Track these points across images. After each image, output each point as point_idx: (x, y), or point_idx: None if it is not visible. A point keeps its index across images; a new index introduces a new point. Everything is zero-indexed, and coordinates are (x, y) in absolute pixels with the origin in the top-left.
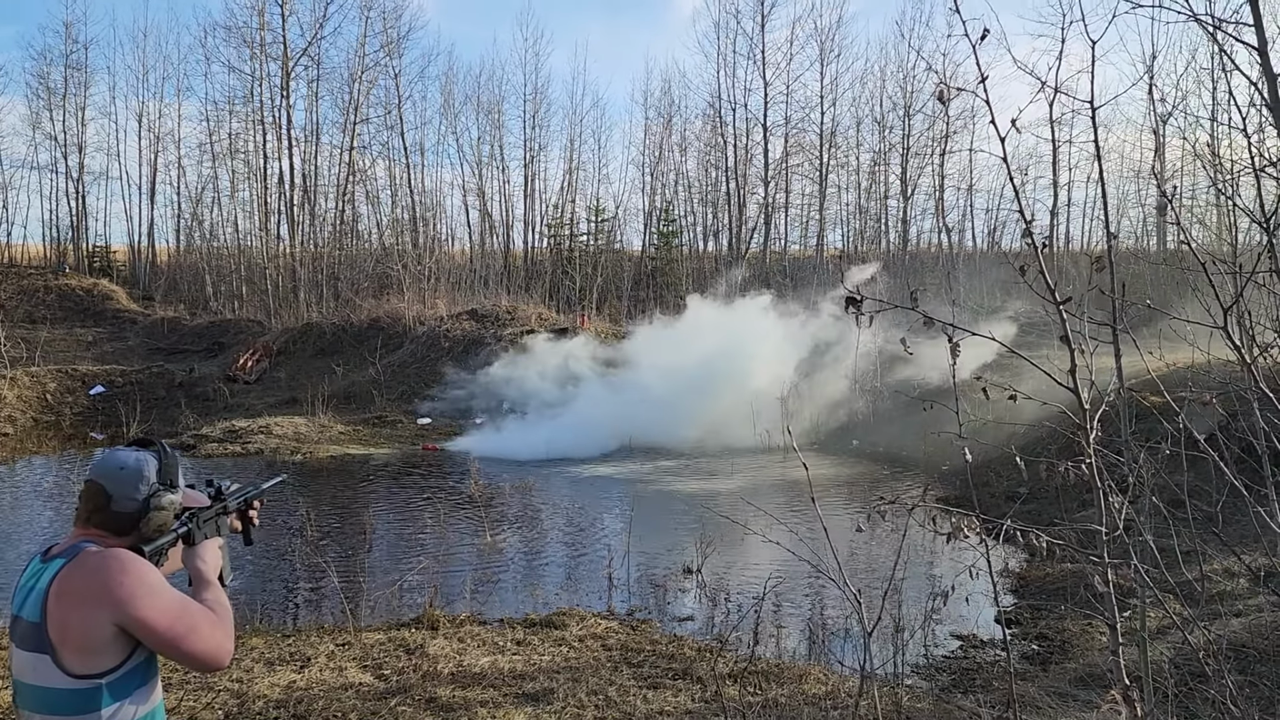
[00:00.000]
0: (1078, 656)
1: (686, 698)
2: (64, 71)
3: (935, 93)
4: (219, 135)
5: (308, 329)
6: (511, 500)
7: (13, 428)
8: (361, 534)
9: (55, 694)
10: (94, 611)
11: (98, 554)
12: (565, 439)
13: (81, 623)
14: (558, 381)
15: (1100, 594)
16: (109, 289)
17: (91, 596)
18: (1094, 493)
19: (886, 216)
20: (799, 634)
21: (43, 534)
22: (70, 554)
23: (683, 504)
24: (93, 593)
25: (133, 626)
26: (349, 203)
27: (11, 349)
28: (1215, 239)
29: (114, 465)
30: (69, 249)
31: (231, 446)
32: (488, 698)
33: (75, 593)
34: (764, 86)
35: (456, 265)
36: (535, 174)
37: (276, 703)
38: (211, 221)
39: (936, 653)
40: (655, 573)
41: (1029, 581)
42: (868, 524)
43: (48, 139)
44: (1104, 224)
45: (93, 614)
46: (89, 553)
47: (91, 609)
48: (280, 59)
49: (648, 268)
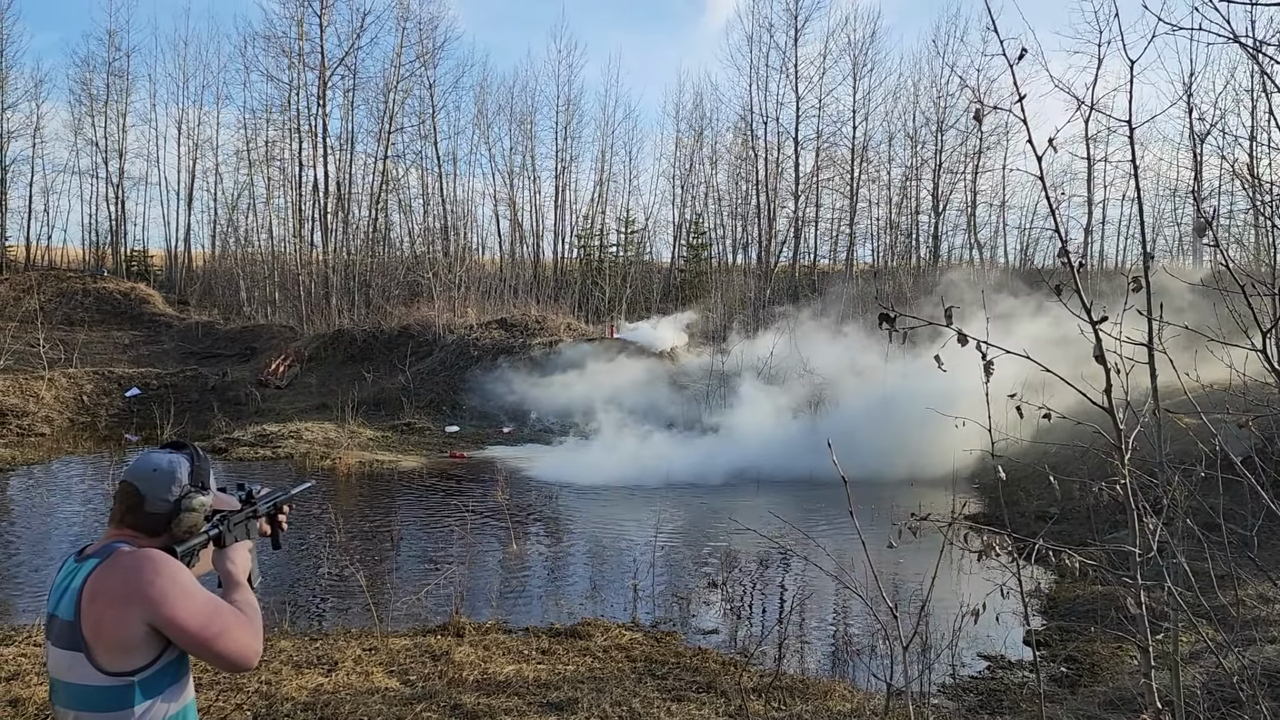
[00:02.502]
0: (1107, 680)
1: (710, 711)
2: (106, 78)
3: (971, 111)
4: (256, 143)
5: (339, 335)
6: (538, 509)
7: (49, 428)
8: (388, 539)
9: (90, 691)
10: (126, 611)
11: (131, 554)
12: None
13: (114, 622)
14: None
15: (1133, 616)
16: (146, 293)
17: (124, 596)
18: (1127, 513)
19: (917, 232)
20: (824, 649)
21: (76, 534)
22: (104, 554)
23: (711, 513)
24: (126, 593)
25: (164, 626)
26: (382, 211)
27: (50, 350)
28: (1253, 260)
29: (148, 467)
30: (108, 253)
31: (262, 450)
32: (512, 706)
33: (108, 592)
34: (796, 100)
35: (486, 274)
36: (566, 184)
37: (304, 705)
38: (246, 228)
39: (964, 673)
40: (681, 585)
41: (1058, 603)
42: (898, 540)
43: (89, 144)
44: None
45: (125, 613)
46: (122, 553)
47: (124, 608)
48: (318, 68)
49: (676, 280)
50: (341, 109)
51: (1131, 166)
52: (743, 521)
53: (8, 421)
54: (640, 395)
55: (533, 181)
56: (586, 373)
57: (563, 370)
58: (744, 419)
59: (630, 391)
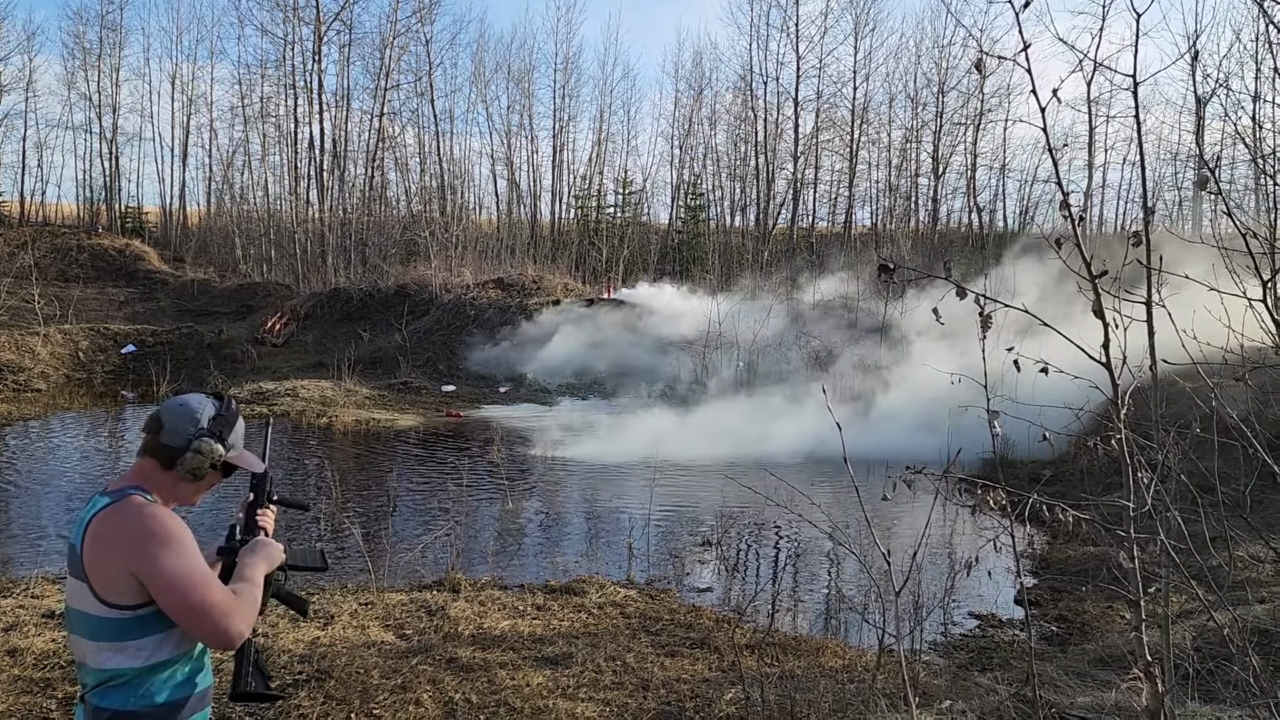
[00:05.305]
0: (1097, 638)
1: (704, 666)
2: (99, 31)
3: (974, 61)
4: (251, 99)
5: (335, 294)
6: (534, 468)
7: (46, 384)
8: (385, 497)
9: (93, 620)
10: (117, 559)
11: (135, 507)
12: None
13: (106, 566)
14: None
15: (1125, 570)
16: (141, 249)
17: (116, 545)
18: (1122, 469)
19: (917, 195)
20: (818, 608)
21: (73, 489)
22: (117, 496)
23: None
24: (118, 543)
25: (146, 583)
26: (378, 169)
27: (45, 306)
28: (1253, 223)
29: (176, 402)
30: (102, 209)
31: (259, 408)
32: (507, 660)
33: (104, 537)
34: (796, 60)
35: (483, 234)
36: (564, 144)
37: (300, 657)
38: (242, 185)
39: (955, 631)
40: (675, 544)
41: (1050, 563)
42: (893, 493)
43: (82, 99)
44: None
45: (115, 561)
46: (130, 501)
47: (115, 556)
48: (313, 23)
49: (674, 241)
50: (337, 65)
51: (1135, 120)
52: (741, 483)
53: (4, 377)
54: (638, 357)
55: (530, 141)
56: (583, 333)
57: (560, 331)
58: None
59: (627, 352)
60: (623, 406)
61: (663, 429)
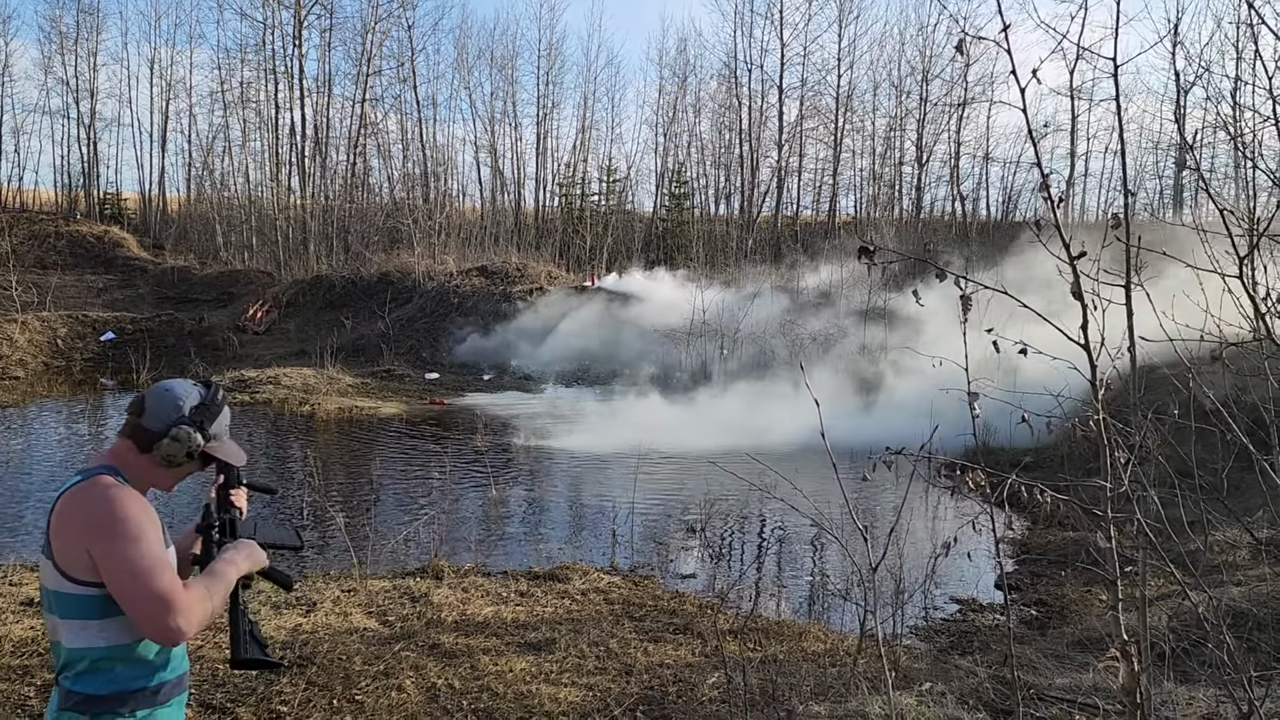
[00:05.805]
0: (1075, 622)
1: (686, 651)
2: (76, 15)
3: (956, 43)
4: (230, 84)
5: (317, 281)
6: (519, 456)
7: (24, 371)
8: (368, 484)
9: (60, 597)
10: (76, 538)
11: (103, 486)
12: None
13: (66, 541)
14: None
15: (1103, 551)
16: (120, 236)
17: (75, 523)
18: (1100, 450)
19: (900, 183)
20: (801, 594)
21: (51, 478)
22: (86, 474)
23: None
24: (78, 520)
25: (97, 562)
26: (360, 155)
27: (23, 293)
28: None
29: (162, 387)
30: (80, 195)
31: (240, 396)
32: (490, 646)
33: (67, 514)
34: (781, 47)
35: (467, 222)
36: (548, 132)
37: (283, 644)
38: (222, 171)
39: (936, 616)
40: (660, 531)
41: (1030, 548)
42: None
43: (59, 84)
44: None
45: (75, 539)
46: (98, 481)
47: (73, 534)
48: (293, 6)
49: (658, 229)
50: (318, 50)
51: (1115, 102)
52: (725, 468)
53: None
54: (621, 345)
55: (514, 128)
56: (567, 321)
57: (543, 318)
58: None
59: (611, 340)
60: (608, 394)
61: (648, 417)
